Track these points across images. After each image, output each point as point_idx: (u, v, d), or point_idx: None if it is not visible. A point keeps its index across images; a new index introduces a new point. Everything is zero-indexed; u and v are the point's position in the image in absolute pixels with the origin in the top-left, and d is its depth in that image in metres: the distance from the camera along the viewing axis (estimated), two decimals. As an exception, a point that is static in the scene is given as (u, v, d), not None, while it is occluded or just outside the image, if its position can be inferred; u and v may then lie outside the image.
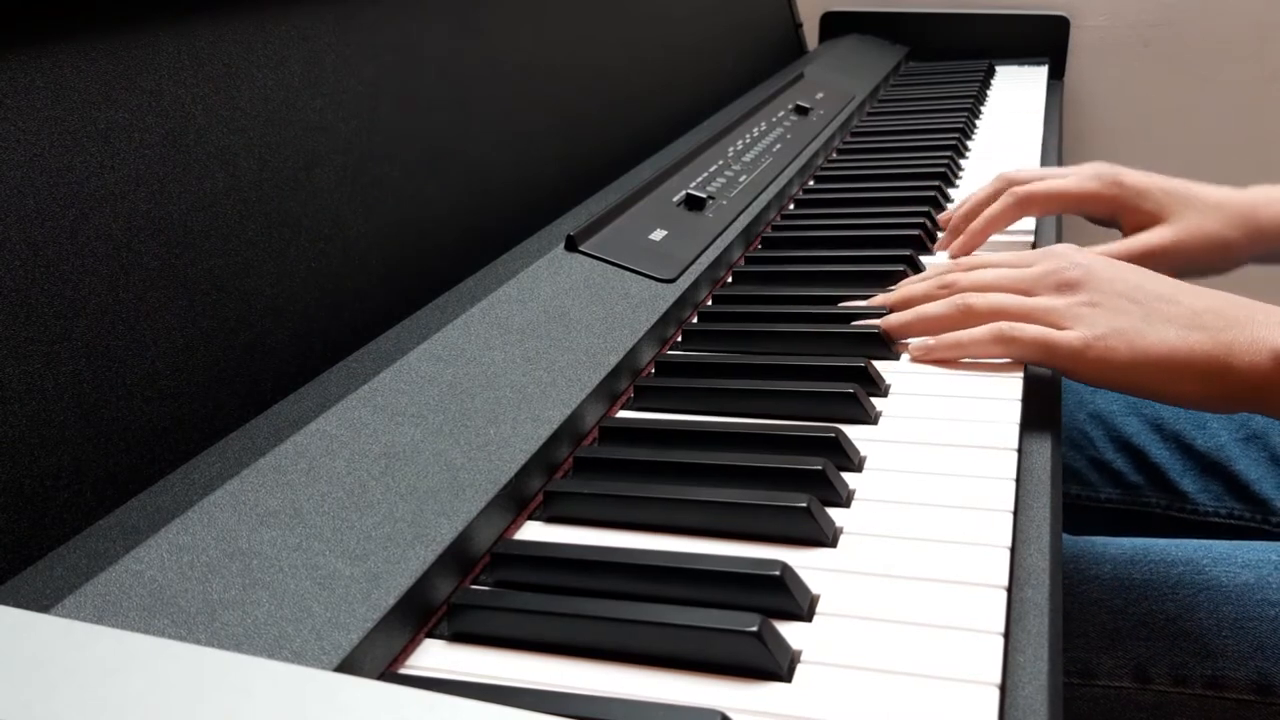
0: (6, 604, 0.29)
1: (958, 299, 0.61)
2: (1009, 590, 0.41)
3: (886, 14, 1.62)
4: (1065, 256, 0.60)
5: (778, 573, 0.40)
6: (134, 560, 0.37)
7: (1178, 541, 0.69)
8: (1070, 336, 0.56)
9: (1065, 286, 0.58)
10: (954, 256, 0.79)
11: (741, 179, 0.88)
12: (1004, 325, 0.58)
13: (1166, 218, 0.76)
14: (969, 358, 0.60)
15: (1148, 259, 0.74)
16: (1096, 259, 0.60)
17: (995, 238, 0.80)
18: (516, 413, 0.51)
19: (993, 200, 0.78)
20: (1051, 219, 0.85)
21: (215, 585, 0.37)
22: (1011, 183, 0.78)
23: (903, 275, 0.71)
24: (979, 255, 0.66)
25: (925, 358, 0.61)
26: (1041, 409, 0.57)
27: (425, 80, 0.68)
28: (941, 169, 0.97)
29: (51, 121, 0.44)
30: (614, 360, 0.58)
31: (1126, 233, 0.78)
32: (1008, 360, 0.59)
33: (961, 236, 0.78)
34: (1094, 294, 0.57)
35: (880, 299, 0.66)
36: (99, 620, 0.35)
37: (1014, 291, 0.60)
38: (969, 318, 0.60)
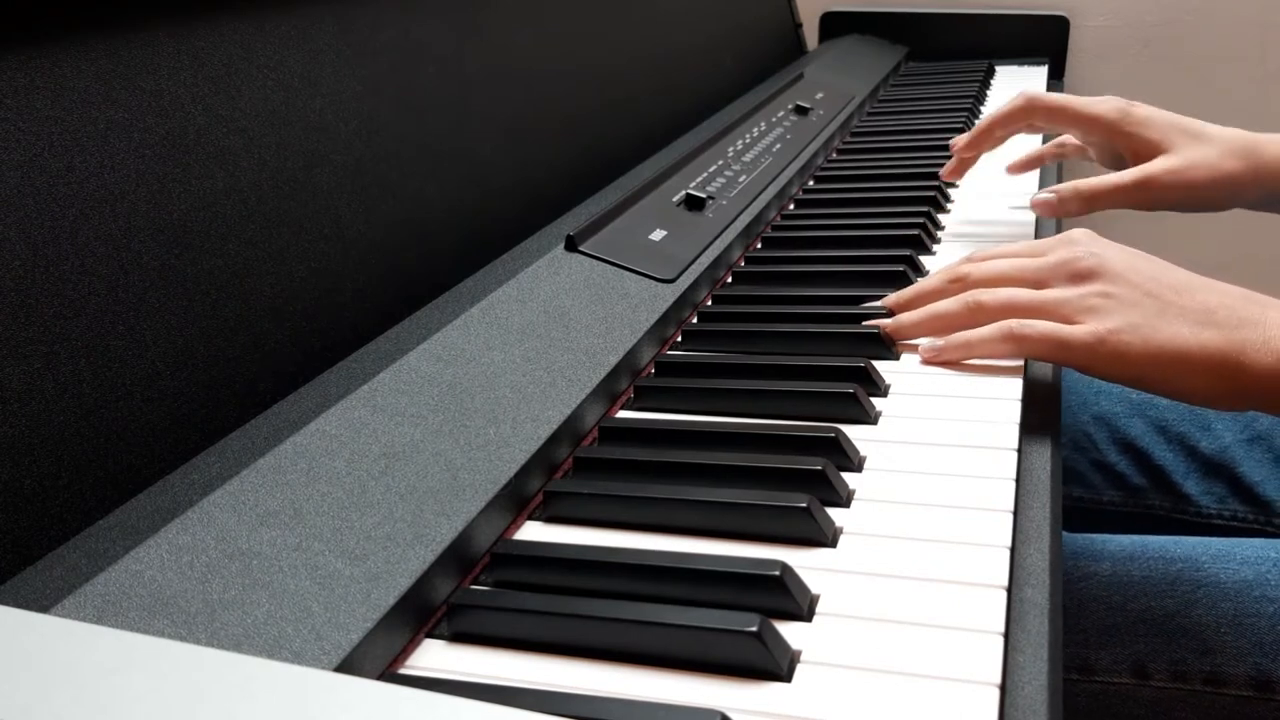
0: (6, 604, 0.29)
1: (968, 296, 0.60)
2: (1009, 590, 0.41)
3: (886, 14, 1.62)
4: (1080, 244, 0.59)
5: (777, 573, 0.40)
6: (134, 560, 0.37)
7: (1177, 538, 0.69)
8: (1082, 332, 0.55)
9: (1078, 277, 0.57)
10: (960, 150, 0.87)
11: (741, 179, 0.88)
12: (1013, 323, 0.57)
13: (1169, 148, 0.76)
14: (979, 358, 0.59)
15: (1148, 187, 0.75)
16: (1111, 248, 0.59)
17: (998, 230, 0.81)
18: (516, 413, 0.51)
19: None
20: (1051, 222, 0.85)
21: (215, 585, 0.37)
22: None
23: (903, 275, 0.71)
24: (992, 248, 0.66)
25: (935, 359, 0.60)
26: (1041, 409, 0.57)
27: (425, 80, 0.68)
28: (941, 169, 0.97)
29: (51, 121, 0.44)
30: (614, 360, 0.58)
31: (1130, 163, 0.77)
32: (1016, 358, 0.59)
33: (968, 134, 0.85)
34: (1107, 285, 0.56)
35: (893, 298, 0.66)
36: (99, 620, 0.35)
37: (1026, 283, 0.59)
38: (979, 315, 0.59)
